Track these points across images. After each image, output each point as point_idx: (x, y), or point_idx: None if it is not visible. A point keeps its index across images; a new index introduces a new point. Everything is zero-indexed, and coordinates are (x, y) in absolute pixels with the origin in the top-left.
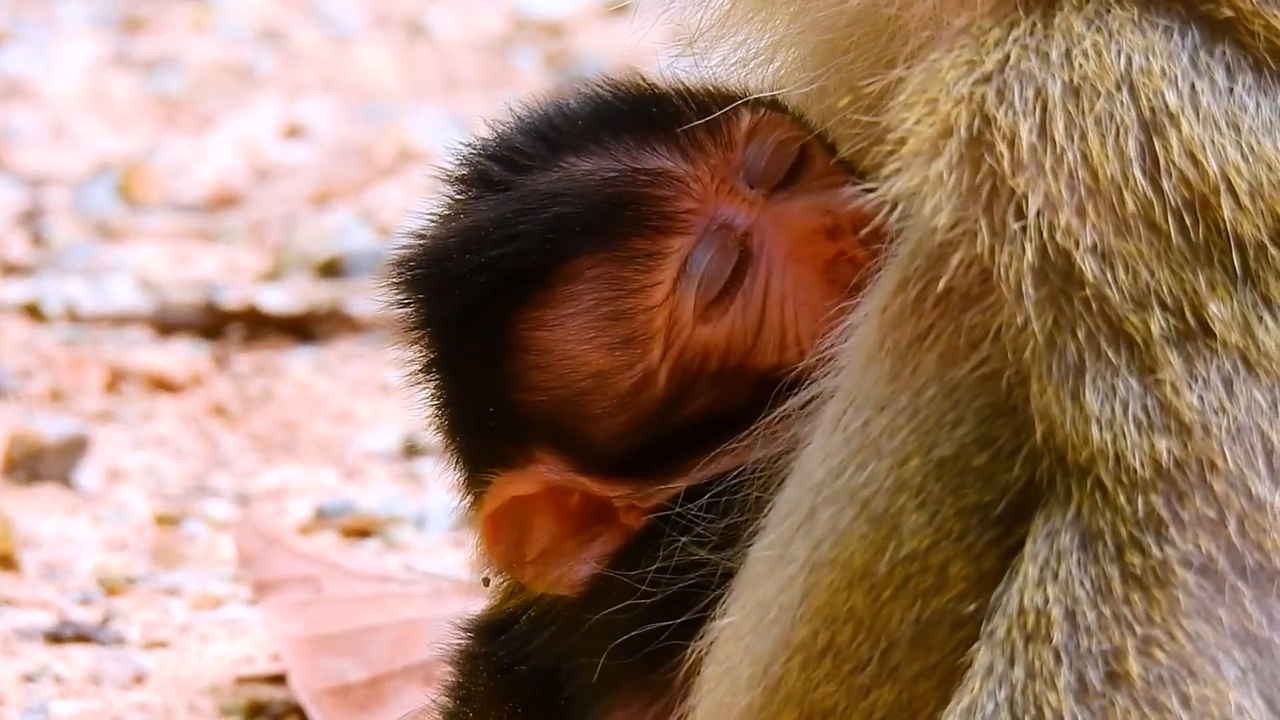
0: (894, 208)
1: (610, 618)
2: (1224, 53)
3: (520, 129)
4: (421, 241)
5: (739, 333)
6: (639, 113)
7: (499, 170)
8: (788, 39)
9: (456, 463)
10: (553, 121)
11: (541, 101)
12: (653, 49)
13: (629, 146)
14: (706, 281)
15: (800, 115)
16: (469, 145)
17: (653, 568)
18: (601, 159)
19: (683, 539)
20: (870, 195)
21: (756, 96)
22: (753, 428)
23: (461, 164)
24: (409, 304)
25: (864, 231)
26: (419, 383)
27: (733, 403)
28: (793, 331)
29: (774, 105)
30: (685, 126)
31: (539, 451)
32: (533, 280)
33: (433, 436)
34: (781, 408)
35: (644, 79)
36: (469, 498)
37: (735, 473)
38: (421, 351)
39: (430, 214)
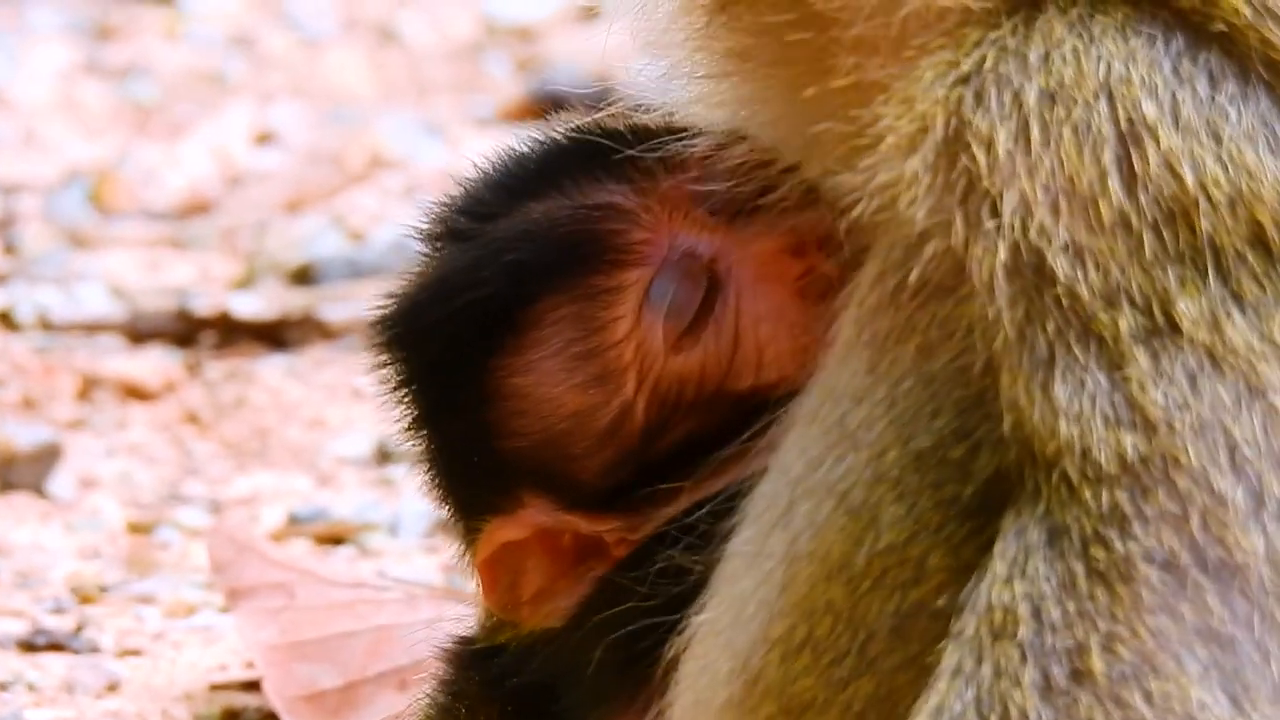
0: (870, 201)
1: (599, 632)
2: (1208, 60)
3: (484, 179)
4: (396, 299)
5: (714, 359)
6: (590, 150)
7: (464, 221)
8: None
9: (450, 513)
10: (512, 168)
11: (503, 151)
12: (623, 55)
13: (580, 185)
14: (675, 311)
15: (758, 137)
16: (439, 202)
17: (642, 580)
18: (554, 200)
19: (670, 551)
20: (846, 189)
21: (715, 123)
22: (737, 448)
23: (432, 221)
24: (390, 362)
25: (829, 245)
26: (409, 440)
27: (714, 427)
28: (769, 352)
29: (732, 130)
30: (634, 157)
31: (527, 495)
32: (499, 327)
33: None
34: (765, 426)
35: (599, 118)
36: (465, 546)
37: (724, 492)
38: (407, 408)
39: (406, 273)
